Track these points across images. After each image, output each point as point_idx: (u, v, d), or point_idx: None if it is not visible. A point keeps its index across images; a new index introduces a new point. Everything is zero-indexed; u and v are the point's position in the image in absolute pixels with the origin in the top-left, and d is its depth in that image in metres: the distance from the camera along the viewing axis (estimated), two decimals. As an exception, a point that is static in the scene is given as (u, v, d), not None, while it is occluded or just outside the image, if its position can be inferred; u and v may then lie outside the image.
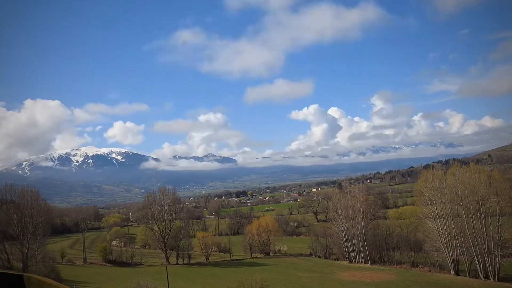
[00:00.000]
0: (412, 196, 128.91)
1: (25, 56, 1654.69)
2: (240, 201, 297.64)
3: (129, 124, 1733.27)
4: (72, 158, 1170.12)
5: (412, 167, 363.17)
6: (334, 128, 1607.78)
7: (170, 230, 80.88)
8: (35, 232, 57.82)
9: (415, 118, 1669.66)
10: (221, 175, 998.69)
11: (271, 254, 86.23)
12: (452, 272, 54.99)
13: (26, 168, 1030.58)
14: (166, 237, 79.87)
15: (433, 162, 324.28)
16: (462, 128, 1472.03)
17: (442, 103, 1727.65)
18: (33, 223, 57.81)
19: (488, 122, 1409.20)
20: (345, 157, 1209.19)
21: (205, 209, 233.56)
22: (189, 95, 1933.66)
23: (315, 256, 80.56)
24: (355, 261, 71.27)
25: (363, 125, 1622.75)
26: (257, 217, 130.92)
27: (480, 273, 51.58)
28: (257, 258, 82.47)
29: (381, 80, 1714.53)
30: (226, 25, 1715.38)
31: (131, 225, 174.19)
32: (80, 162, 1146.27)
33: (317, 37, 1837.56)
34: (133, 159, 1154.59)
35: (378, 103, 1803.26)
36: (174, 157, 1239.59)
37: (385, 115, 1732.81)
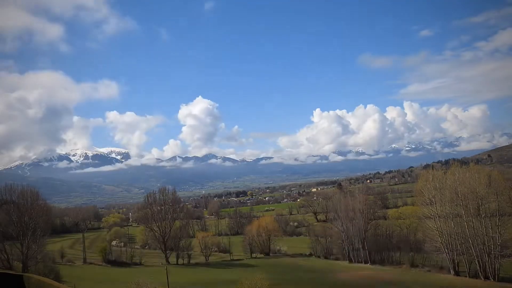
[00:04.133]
0: (412, 196, 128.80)
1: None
2: (240, 201, 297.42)
3: (129, 124, 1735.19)
4: (72, 158, 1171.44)
5: (412, 167, 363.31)
6: (334, 128, 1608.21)
7: (170, 230, 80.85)
8: (35, 232, 57.73)
9: (415, 117, 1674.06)
10: (221, 175, 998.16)
11: (271, 254, 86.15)
12: (452, 272, 54.97)
13: (26, 168, 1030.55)
14: (166, 237, 79.84)
15: (433, 162, 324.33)
16: (462, 127, 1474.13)
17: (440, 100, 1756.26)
18: (33, 223, 57.74)
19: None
20: (345, 157, 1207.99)
21: (205, 209, 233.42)
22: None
23: (315, 256, 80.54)
24: (355, 261, 71.26)
25: (362, 125, 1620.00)
26: (257, 217, 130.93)
27: (480, 273, 51.53)
28: (257, 258, 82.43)
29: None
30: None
31: (131, 225, 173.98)
32: (80, 162, 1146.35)
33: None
34: (133, 159, 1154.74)
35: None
36: (174, 157, 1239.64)
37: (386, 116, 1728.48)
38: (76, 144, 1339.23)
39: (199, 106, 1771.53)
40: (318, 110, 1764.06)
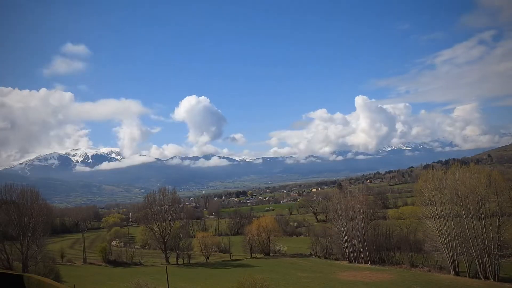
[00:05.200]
0: (412, 196, 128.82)
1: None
2: (240, 201, 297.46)
3: (129, 123, 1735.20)
4: (72, 158, 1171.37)
5: (412, 167, 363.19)
6: (334, 128, 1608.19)
7: (170, 230, 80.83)
8: (35, 232, 57.77)
9: (415, 117, 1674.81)
10: (221, 175, 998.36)
11: (271, 254, 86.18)
12: (452, 272, 54.92)
13: (26, 168, 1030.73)
14: (166, 237, 79.81)
15: (433, 162, 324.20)
16: (462, 127, 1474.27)
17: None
18: (33, 223, 57.75)
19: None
20: (345, 157, 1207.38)
21: (205, 209, 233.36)
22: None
23: (315, 256, 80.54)
24: (355, 261, 71.24)
25: (362, 125, 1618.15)
26: (257, 217, 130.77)
27: (480, 273, 51.51)
28: (257, 258, 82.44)
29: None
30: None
31: (131, 225, 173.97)
32: (80, 162, 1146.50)
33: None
34: (133, 159, 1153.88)
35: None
36: (174, 157, 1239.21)
37: (384, 115, 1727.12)
38: (76, 144, 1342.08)
39: (199, 106, 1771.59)
40: (318, 111, 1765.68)
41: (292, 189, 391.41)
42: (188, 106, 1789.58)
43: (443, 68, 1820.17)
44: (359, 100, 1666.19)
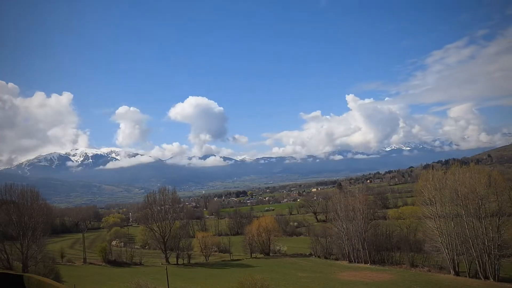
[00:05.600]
0: (412, 196, 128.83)
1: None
2: (240, 201, 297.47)
3: (130, 123, 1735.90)
4: (72, 158, 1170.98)
5: (412, 167, 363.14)
6: (334, 128, 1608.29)
7: (170, 230, 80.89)
8: (35, 232, 57.82)
9: (413, 118, 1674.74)
10: (221, 175, 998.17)
11: (271, 254, 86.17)
12: (452, 272, 54.92)
13: (26, 168, 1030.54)
14: (166, 237, 79.86)
15: (433, 162, 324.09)
16: (462, 127, 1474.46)
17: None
18: (33, 223, 57.81)
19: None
20: (345, 157, 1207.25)
21: (205, 209, 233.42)
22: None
23: (315, 256, 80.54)
24: (355, 261, 71.24)
25: (360, 125, 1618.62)
26: (257, 217, 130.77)
27: (480, 273, 51.50)
28: (257, 258, 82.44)
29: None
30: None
31: (131, 225, 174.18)
32: (79, 162, 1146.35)
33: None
34: (133, 159, 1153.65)
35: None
36: (175, 157, 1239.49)
37: (382, 115, 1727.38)
38: (76, 144, 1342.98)
39: (200, 107, 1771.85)
40: (316, 111, 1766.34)
41: (292, 189, 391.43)
42: (188, 106, 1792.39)
43: (434, 68, 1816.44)
44: (350, 99, 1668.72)
